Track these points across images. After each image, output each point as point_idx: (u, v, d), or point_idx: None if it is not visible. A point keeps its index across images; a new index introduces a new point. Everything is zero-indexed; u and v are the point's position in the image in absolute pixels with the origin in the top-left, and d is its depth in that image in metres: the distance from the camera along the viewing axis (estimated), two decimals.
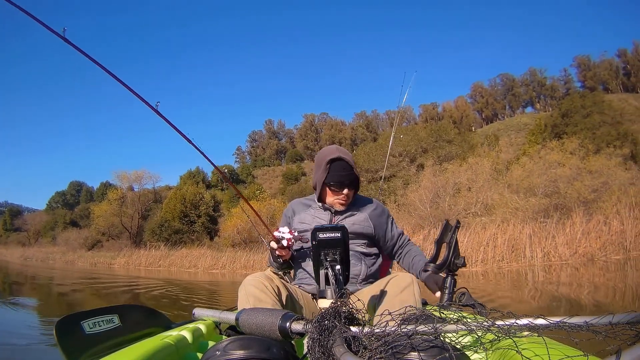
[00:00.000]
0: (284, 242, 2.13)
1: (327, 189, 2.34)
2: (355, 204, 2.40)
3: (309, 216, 2.39)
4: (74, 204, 74.95)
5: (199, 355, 1.65)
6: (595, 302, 6.67)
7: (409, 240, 2.59)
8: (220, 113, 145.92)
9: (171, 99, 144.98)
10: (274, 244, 2.16)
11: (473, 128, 76.15)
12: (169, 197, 42.25)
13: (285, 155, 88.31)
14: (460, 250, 2.29)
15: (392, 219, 2.52)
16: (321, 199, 2.41)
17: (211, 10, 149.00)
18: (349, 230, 1.50)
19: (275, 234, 2.15)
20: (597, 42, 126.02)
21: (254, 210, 3.03)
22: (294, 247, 2.27)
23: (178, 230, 37.04)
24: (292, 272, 2.48)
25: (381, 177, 28.15)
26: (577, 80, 79.57)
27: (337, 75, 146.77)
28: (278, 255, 2.21)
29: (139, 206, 41.46)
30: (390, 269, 3.02)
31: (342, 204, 2.34)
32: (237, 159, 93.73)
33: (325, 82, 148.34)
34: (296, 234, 2.18)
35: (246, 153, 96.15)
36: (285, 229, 2.16)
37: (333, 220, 2.33)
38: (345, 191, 2.30)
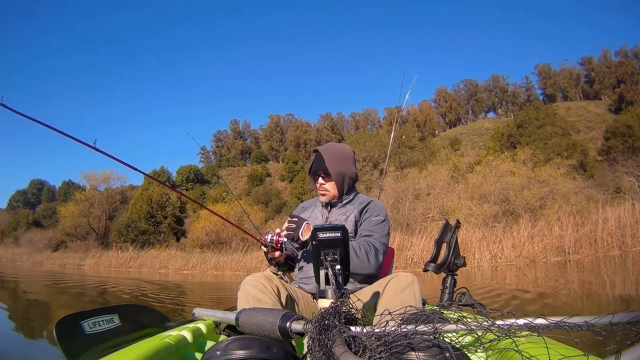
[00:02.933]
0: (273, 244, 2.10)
1: (314, 180, 2.37)
2: (353, 202, 2.34)
3: (309, 214, 2.39)
4: (35, 203, 71.55)
5: (199, 355, 1.61)
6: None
7: (369, 244, 2.10)
8: (185, 112, 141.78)
9: (141, 98, 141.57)
10: (264, 248, 2.14)
11: (437, 132, 76.88)
12: (135, 197, 41.34)
13: (250, 156, 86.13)
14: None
15: (381, 219, 2.23)
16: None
17: (179, 12, 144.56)
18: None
19: (266, 236, 2.11)
20: (558, 51, 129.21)
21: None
22: (289, 246, 2.20)
23: (144, 231, 36.37)
24: (292, 272, 2.43)
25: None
26: (537, 88, 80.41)
27: (302, 76, 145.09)
28: (271, 258, 2.18)
29: (106, 207, 40.32)
30: (390, 269, 2.94)
31: (322, 194, 2.32)
32: (202, 159, 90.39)
33: (291, 82, 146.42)
34: (284, 233, 2.11)
35: (211, 153, 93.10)
36: (276, 231, 2.13)
37: (327, 216, 2.31)
38: (320, 180, 2.29)
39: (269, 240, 2.10)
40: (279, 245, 2.10)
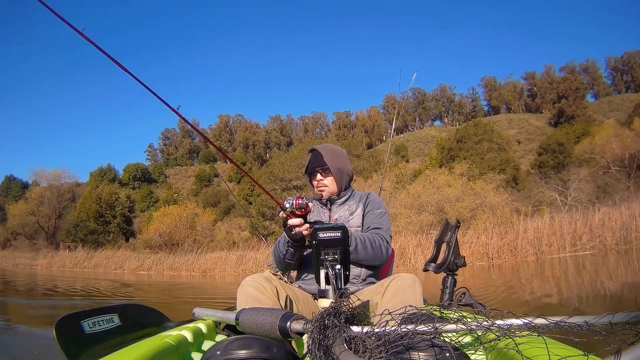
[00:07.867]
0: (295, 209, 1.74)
1: (311, 179, 2.35)
2: (353, 198, 2.31)
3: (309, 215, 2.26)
4: None
5: (199, 355, 1.54)
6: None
7: (381, 237, 2.10)
8: (133, 107, 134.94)
9: (90, 91, 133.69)
10: (296, 221, 1.77)
11: (384, 137, 77.33)
12: (84, 196, 39.34)
13: (198, 155, 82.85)
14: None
15: (383, 212, 2.23)
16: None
17: (132, 8, 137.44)
18: (348, 225, 1.44)
19: (285, 203, 1.75)
20: (503, 64, 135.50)
21: (265, 190, 2.48)
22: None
23: (94, 231, 34.85)
24: (292, 272, 2.27)
25: (295, 187, 28.39)
26: (483, 99, 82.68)
27: (252, 76, 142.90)
28: (290, 227, 1.81)
29: (56, 205, 38.14)
30: (390, 270, 2.88)
31: (320, 190, 2.28)
32: (149, 157, 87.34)
33: (240, 82, 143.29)
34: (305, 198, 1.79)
35: (158, 151, 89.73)
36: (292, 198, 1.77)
37: (329, 215, 2.25)
38: (318, 176, 2.26)
39: (288, 206, 1.73)
40: (299, 209, 1.71)
